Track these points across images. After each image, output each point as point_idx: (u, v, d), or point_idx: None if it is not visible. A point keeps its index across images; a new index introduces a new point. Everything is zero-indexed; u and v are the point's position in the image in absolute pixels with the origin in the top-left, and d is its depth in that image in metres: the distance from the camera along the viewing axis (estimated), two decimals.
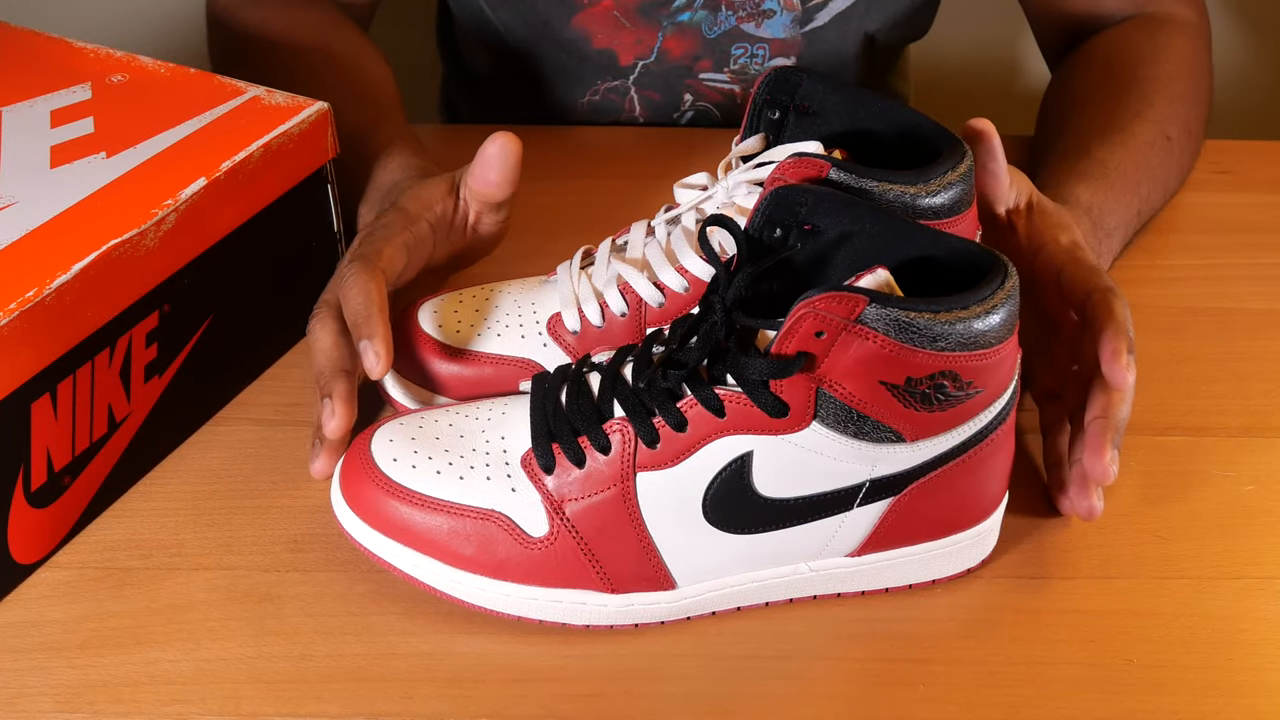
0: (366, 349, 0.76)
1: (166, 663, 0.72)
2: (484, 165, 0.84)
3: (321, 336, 0.79)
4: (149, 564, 0.77)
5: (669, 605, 0.73)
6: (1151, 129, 0.99)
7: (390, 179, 0.90)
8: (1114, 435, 0.76)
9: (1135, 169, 0.96)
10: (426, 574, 0.72)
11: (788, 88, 0.77)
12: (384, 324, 0.77)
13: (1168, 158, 1.00)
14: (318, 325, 0.80)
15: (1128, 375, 0.75)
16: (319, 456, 0.78)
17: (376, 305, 0.77)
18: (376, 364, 0.76)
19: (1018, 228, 0.83)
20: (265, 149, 0.83)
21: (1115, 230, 0.93)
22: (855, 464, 0.69)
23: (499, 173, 0.84)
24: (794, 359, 0.65)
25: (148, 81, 0.89)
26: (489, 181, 0.84)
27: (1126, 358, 0.75)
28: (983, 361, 0.66)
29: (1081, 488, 0.77)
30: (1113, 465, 0.75)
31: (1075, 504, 0.77)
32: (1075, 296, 0.79)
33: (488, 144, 0.83)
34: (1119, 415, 0.76)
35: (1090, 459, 0.75)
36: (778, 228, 0.69)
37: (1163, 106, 1.01)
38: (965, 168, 0.73)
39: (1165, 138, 1.00)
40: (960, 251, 0.68)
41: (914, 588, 0.75)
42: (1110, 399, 0.76)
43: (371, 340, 0.76)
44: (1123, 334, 0.76)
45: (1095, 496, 0.77)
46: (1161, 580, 0.77)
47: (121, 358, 0.78)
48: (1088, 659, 0.72)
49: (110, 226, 0.76)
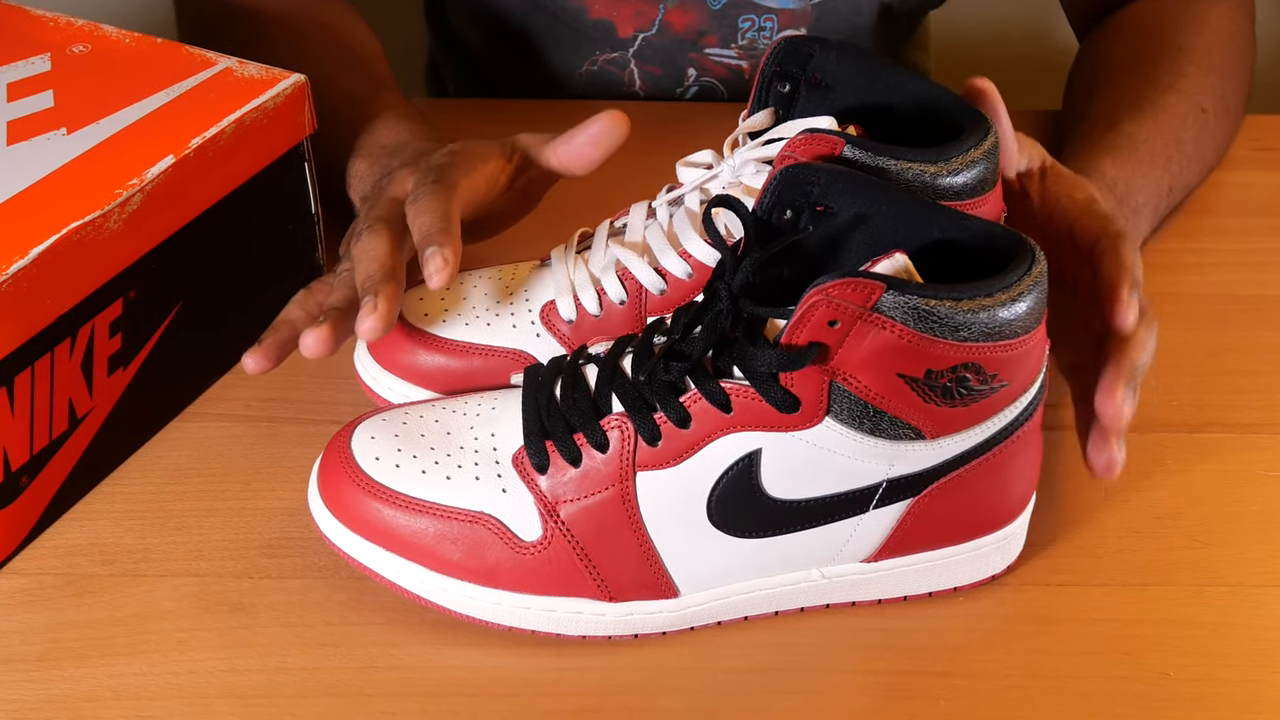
0: (435, 253, 0.75)
1: (131, 676, 0.71)
2: (587, 137, 0.84)
3: (375, 244, 0.78)
4: (112, 570, 0.77)
5: (671, 614, 0.73)
6: (1185, 101, 0.99)
7: (395, 138, 0.90)
8: (1127, 376, 0.74)
9: (1166, 143, 0.96)
10: (411, 581, 0.72)
11: (799, 59, 0.77)
12: (458, 240, 0.76)
13: (1202, 132, 1.00)
14: (371, 235, 0.78)
15: (1128, 315, 0.74)
16: (317, 329, 0.76)
17: (453, 224, 0.77)
18: (442, 269, 0.74)
19: (1031, 192, 0.82)
20: (238, 124, 0.83)
21: (1143, 207, 0.93)
22: (871, 463, 0.69)
23: (598, 149, 0.84)
24: (805, 350, 0.65)
25: (111, 52, 0.89)
26: (584, 155, 0.85)
27: (1128, 295, 0.75)
28: (1008, 353, 0.66)
29: (1098, 438, 0.75)
30: (1126, 405, 0.74)
31: (1092, 458, 0.76)
32: (1086, 247, 0.79)
33: (599, 117, 0.84)
34: (1132, 358, 0.75)
35: (1101, 400, 0.74)
36: (788, 209, 0.69)
37: (1198, 78, 1.01)
38: (989, 145, 0.73)
39: (1200, 110, 1.00)
40: (984, 234, 0.68)
41: (934, 596, 0.75)
42: (1124, 341, 0.75)
43: (442, 248, 0.75)
44: (1125, 274, 0.76)
45: (1115, 447, 0.75)
46: (1200, 588, 0.76)
47: (83, 349, 0.78)
48: (1120, 673, 0.72)
49: (71, 208, 0.76)
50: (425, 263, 0.75)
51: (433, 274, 0.74)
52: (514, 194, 0.87)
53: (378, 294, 0.75)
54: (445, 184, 0.80)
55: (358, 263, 0.78)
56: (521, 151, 0.86)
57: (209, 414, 0.86)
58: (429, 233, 0.76)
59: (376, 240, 0.78)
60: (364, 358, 0.84)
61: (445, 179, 0.80)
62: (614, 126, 0.84)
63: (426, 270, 0.75)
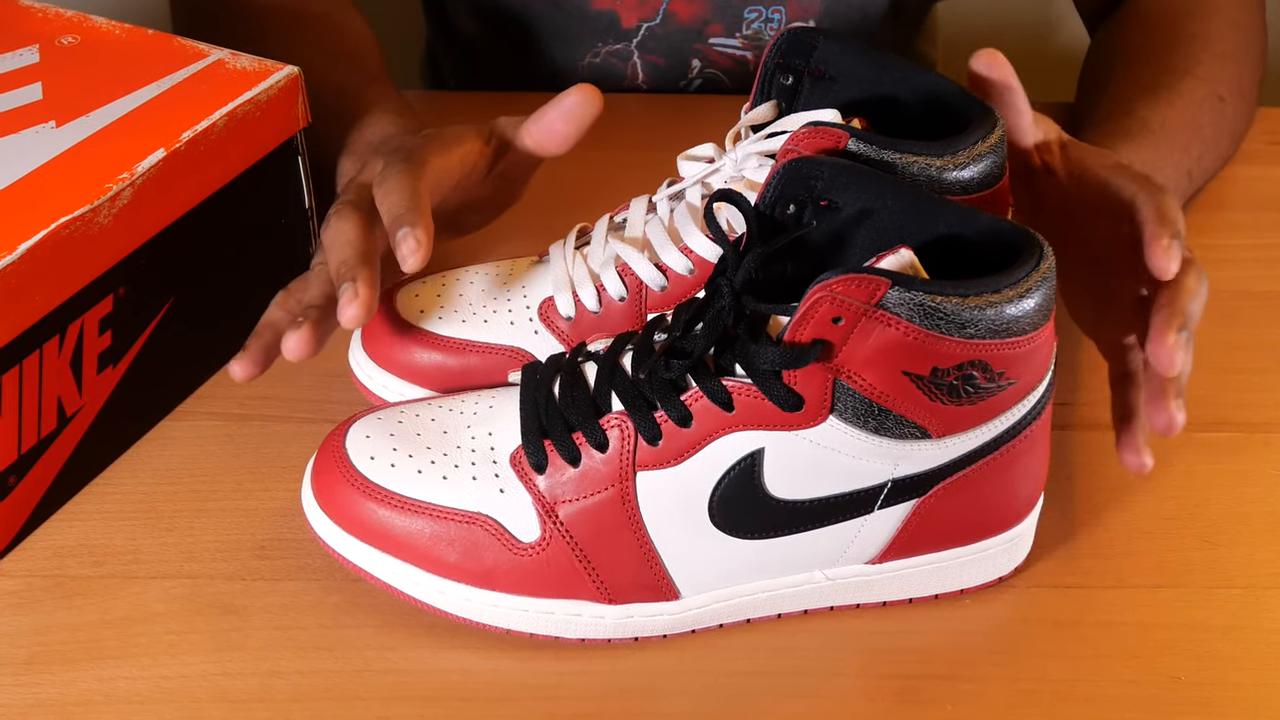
0: (407, 235, 0.74)
1: (121, 680, 0.71)
2: (558, 112, 0.84)
3: (345, 228, 0.77)
4: (102, 572, 0.77)
5: (672, 617, 0.73)
6: (1201, 87, 0.99)
7: (381, 134, 0.90)
8: (1180, 322, 0.72)
9: (1183, 128, 0.96)
10: (406, 583, 0.72)
11: (803, 50, 0.77)
12: (429, 218, 0.75)
13: (1219, 118, 1.00)
14: (339, 219, 0.78)
15: (1169, 261, 0.72)
16: (297, 331, 0.75)
17: (423, 202, 0.76)
18: (415, 251, 0.73)
19: (1054, 166, 0.81)
20: (230, 117, 0.83)
21: None
22: (876, 462, 0.69)
23: (571, 124, 0.84)
24: (809, 347, 0.65)
25: (101, 43, 0.89)
26: (556, 130, 0.84)
27: (1168, 240, 0.73)
28: (1016, 350, 0.66)
29: (1155, 398, 0.73)
30: (1178, 351, 0.71)
31: (1153, 417, 0.73)
32: (1124, 209, 0.77)
33: (569, 92, 0.84)
34: (1185, 305, 0.73)
35: (1153, 345, 0.72)
36: (791, 204, 0.69)
37: (1212, 65, 1.01)
38: (996, 138, 0.73)
39: (1217, 97, 1.00)
40: (991, 229, 0.68)
41: (940, 598, 0.75)
42: (1172, 287, 0.73)
43: (414, 228, 0.74)
44: (1166, 224, 0.74)
45: (1174, 406, 0.73)
46: (1211, 590, 0.76)
47: (72, 346, 0.78)
48: (1130, 676, 0.72)
49: (59, 202, 0.76)
50: (397, 246, 0.74)
51: (406, 257, 0.74)
52: (496, 180, 0.87)
53: (355, 280, 0.74)
54: (413, 162, 0.79)
55: (329, 251, 0.77)
56: (499, 135, 0.86)
57: (201, 412, 0.86)
58: (397, 214, 0.75)
59: (345, 224, 0.77)
60: (359, 355, 0.84)
61: (413, 158, 0.80)
62: (586, 101, 0.84)
63: (400, 254, 0.74)
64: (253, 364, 0.77)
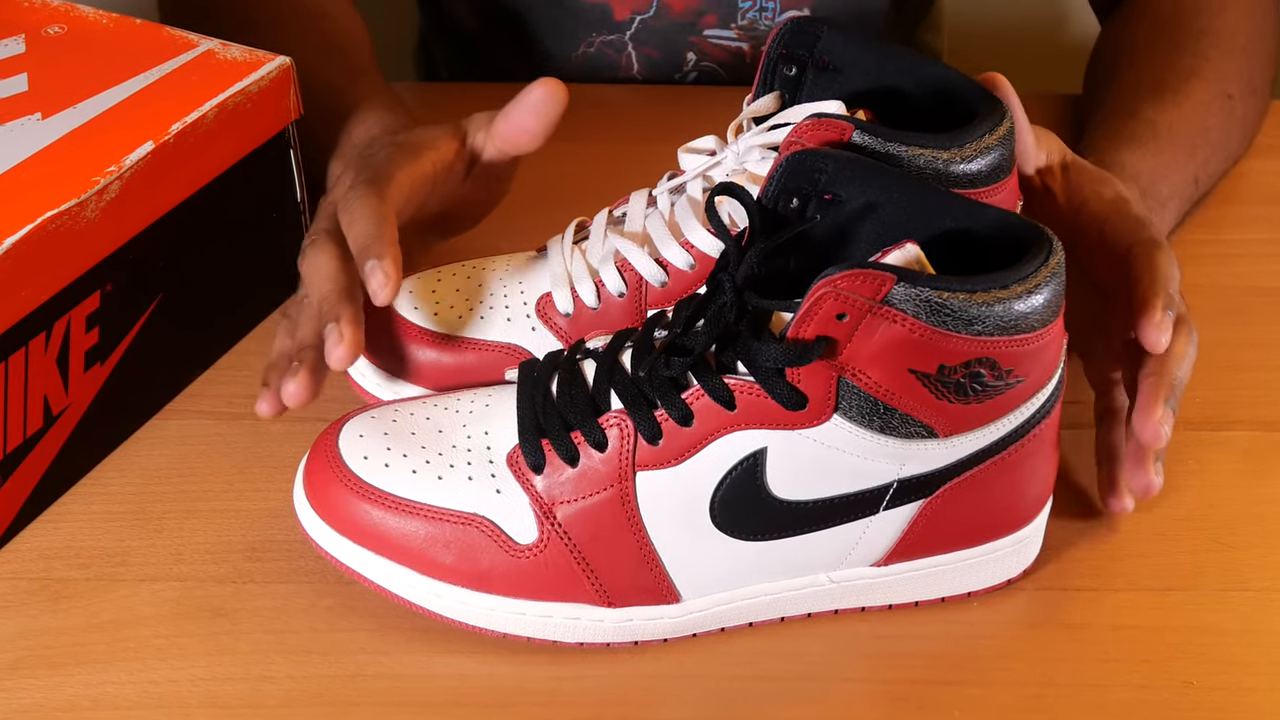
0: (375, 269, 0.74)
1: (109, 685, 0.71)
2: (524, 109, 0.83)
3: (323, 262, 0.77)
4: (89, 575, 0.77)
5: (672, 620, 0.73)
6: (1209, 87, 0.99)
7: (368, 135, 0.90)
8: (1167, 393, 0.75)
9: (1190, 131, 0.96)
10: (400, 586, 0.72)
11: (806, 40, 0.77)
12: (395, 247, 0.76)
13: (1228, 118, 1.00)
14: (315, 251, 0.78)
15: (1160, 335, 0.75)
16: (295, 377, 0.75)
17: (387, 228, 0.76)
18: (385, 285, 0.74)
19: (1053, 189, 0.82)
20: (220, 109, 0.83)
21: (1169, 200, 0.93)
22: (881, 462, 0.69)
23: (539, 120, 0.83)
24: (813, 344, 0.65)
25: (88, 33, 0.89)
26: (524, 128, 0.84)
27: (1160, 315, 0.75)
28: (1024, 347, 0.66)
29: (1135, 460, 0.76)
30: (1164, 425, 0.74)
31: (1131, 479, 0.77)
32: (1118, 253, 0.79)
33: (532, 87, 0.83)
34: (1173, 373, 0.76)
35: (1139, 418, 0.75)
36: (794, 197, 0.69)
37: (1222, 62, 1.01)
38: (1004, 130, 0.73)
39: (1226, 96, 0.99)
40: (999, 224, 0.68)
41: (947, 601, 0.75)
42: (1161, 358, 0.76)
43: (381, 260, 0.74)
44: (1159, 287, 0.76)
45: (1153, 470, 0.76)
46: (1224, 593, 0.76)
47: (58, 343, 0.78)
48: (1141, 681, 0.72)
49: (46, 196, 0.76)
50: (367, 279, 0.75)
51: (376, 291, 0.74)
52: (477, 179, 0.87)
53: (339, 319, 0.74)
54: (376, 183, 0.79)
55: (309, 285, 0.78)
56: (474, 133, 0.86)
57: (190, 411, 0.86)
58: (363, 244, 0.76)
59: (322, 257, 0.78)
60: None
61: (378, 177, 0.80)
62: (551, 94, 0.83)
63: (370, 288, 0.74)
64: (278, 402, 0.77)
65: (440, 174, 0.84)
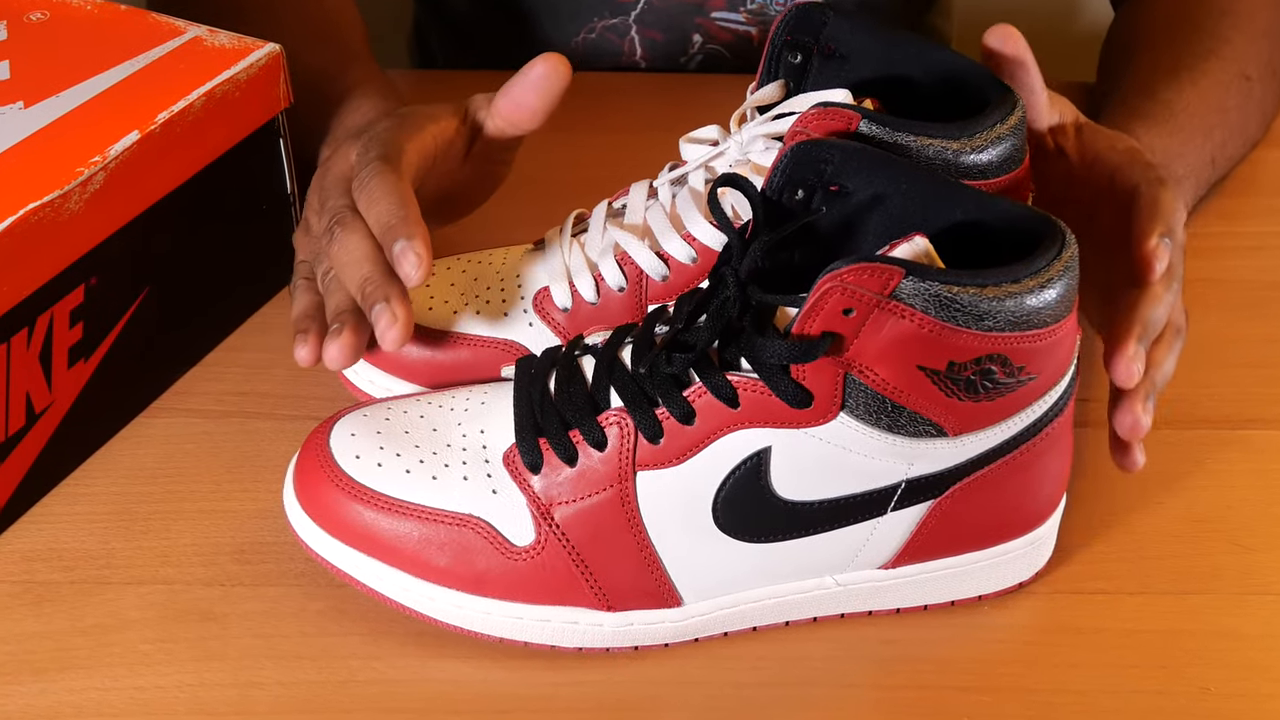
0: (406, 249, 0.74)
1: (94, 691, 0.71)
2: (524, 86, 0.84)
3: (356, 242, 0.77)
4: (73, 578, 0.77)
5: (674, 625, 0.73)
6: (1228, 67, 0.99)
7: (362, 120, 0.90)
8: (1139, 330, 0.75)
9: (1207, 111, 0.96)
10: (394, 589, 0.72)
11: (811, 27, 0.77)
12: (422, 225, 0.75)
13: (1246, 99, 1.00)
14: (346, 231, 0.77)
15: (1153, 262, 0.75)
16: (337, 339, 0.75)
17: (411, 206, 0.76)
18: (418, 267, 0.74)
19: (1067, 149, 0.82)
20: (208, 98, 0.83)
21: (1185, 179, 0.93)
22: (889, 462, 0.69)
23: (540, 98, 0.84)
24: (818, 340, 0.64)
25: (72, 20, 0.89)
26: (525, 105, 0.84)
27: (1156, 241, 0.75)
28: (1036, 343, 0.66)
29: (1121, 402, 0.76)
30: (1135, 364, 0.74)
31: (1116, 421, 0.76)
32: (1126, 196, 0.79)
33: (535, 63, 0.84)
34: (1148, 312, 0.75)
35: (1110, 358, 0.75)
36: (799, 189, 0.68)
37: (1241, 43, 1.01)
38: (1016, 119, 0.73)
39: (1244, 77, 1.00)
40: (1010, 216, 0.68)
41: (957, 605, 0.75)
42: (1142, 294, 0.76)
43: (411, 240, 0.74)
44: (1159, 219, 0.76)
45: (1140, 408, 0.75)
46: (1242, 596, 0.76)
47: (41, 339, 0.78)
48: (1157, 687, 0.72)
49: (28, 187, 0.76)
50: (397, 262, 0.74)
51: (410, 273, 0.74)
52: (475, 162, 0.87)
53: (389, 299, 0.74)
54: (390, 159, 0.79)
55: (345, 266, 0.77)
56: (473, 112, 0.86)
57: (177, 409, 0.86)
58: (389, 224, 0.75)
59: (355, 237, 0.77)
60: None
61: (390, 151, 0.79)
62: (553, 71, 0.83)
63: (402, 270, 0.74)
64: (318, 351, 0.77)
65: (441, 150, 0.84)
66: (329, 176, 0.82)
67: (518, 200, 0.92)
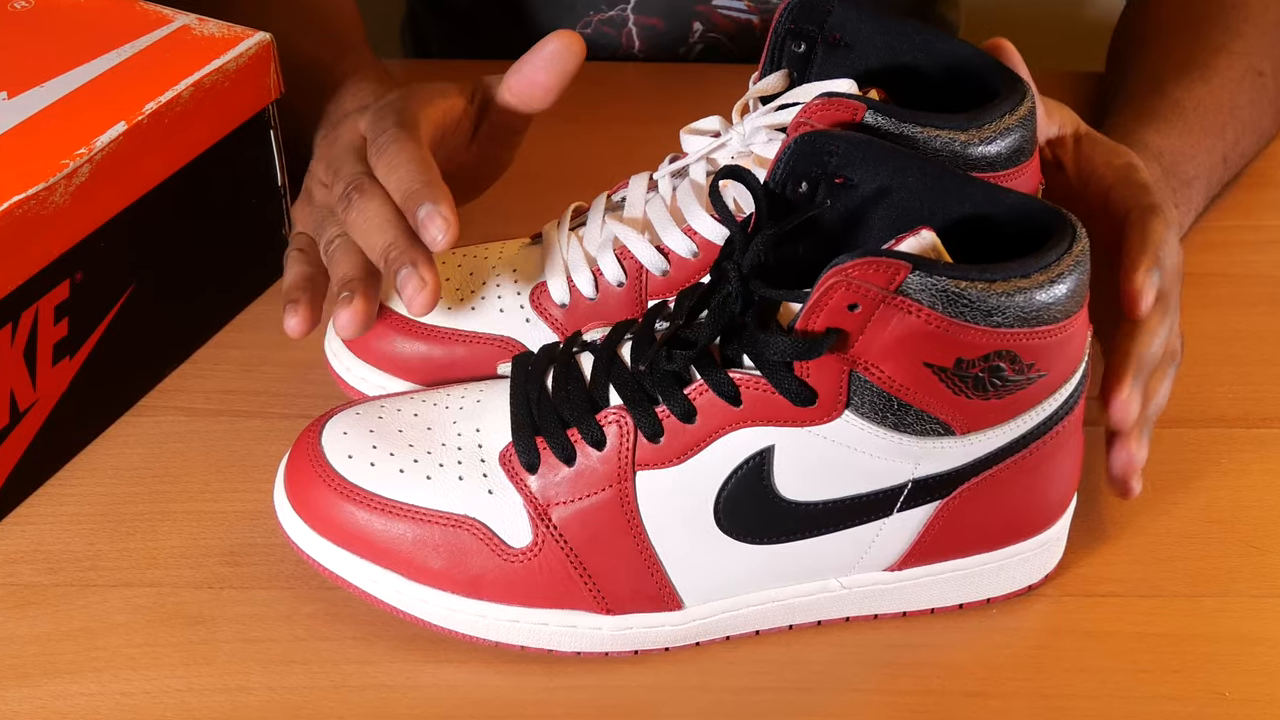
0: (433, 213, 0.74)
1: (79, 697, 0.71)
2: (535, 63, 0.84)
3: (376, 208, 0.76)
4: (58, 580, 0.77)
5: (674, 628, 0.73)
6: (1240, 63, 0.99)
7: (360, 104, 0.90)
8: (1134, 368, 0.75)
9: (1218, 109, 0.96)
10: (387, 591, 0.72)
11: (815, 15, 0.77)
12: (445, 189, 0.75)
13: (1259, 95, 1.00)
14: (365, 197, 0.77)
15: (1140, 299, 0.75)
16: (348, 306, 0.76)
17: (433, 171, 0.76)
18: (446, 230, 0.74)
19: (1064, 162, 0.83)
20: (196, 88, 0.83)
21: (1195, 179, 0.93)
22: (895, 461, 0.69)
23: (553, 75, 0.84)
24: (822, 337, 0.64)
25: (57, 8, 0.89)
26: (538, 82, 0.84)
27: (1144, 276, 0.76)
28: (1046, 340, 0.66)
29: (1116, 440, 0.76)
30: (1132, 403, 0.75)
31: (1110, 458, 0.77)
32: (1119, 218, 0.79)
33: (547, 40, 0.84)
34: (1140, 348, 0.76)
35: (1106, 395, 0.75)
36: (803, 181, 0.68)
37: (1254, 37, 1.01)
38: (1025, 110, 0.73)
39: (1257, 73, 1.00)
40: (1019, 209, 0.68)
41: (965, 608, 0.75)
42: (1136, 329, 0.76)
43: (437, 204, 0.74)
44: (1148, 251, 0.76)
45: (1135, 445, 0.76)
46: (1257, 599, 0.76)
47: (26, 335, 0.78)
48: (1170, 692, 0.72)
49: (12, 180, 0.76)
50: (423, 226, 0.74)
51: (436, 236, 0.74)
52: (481, 145, 0.87)
53: (416, 264, 0.74)
54: (407, 125, 0.79)
55: (367, 233, 0.76)
56: (482, 93, 0.86)
57: (165, 407, 0.86)
58: (411, 189, 0.75)
59: (375, 203, 0.77)
60: (335, 345, 0.84)
61: (405, 118, 0.80)
62: (566, 47, 0.83)
63: (428, 235, 0.74)
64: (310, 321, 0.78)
65: (450, 126, 0.84)
66: (338, 145, 0.82)
67: (514, 193, 0.92)
